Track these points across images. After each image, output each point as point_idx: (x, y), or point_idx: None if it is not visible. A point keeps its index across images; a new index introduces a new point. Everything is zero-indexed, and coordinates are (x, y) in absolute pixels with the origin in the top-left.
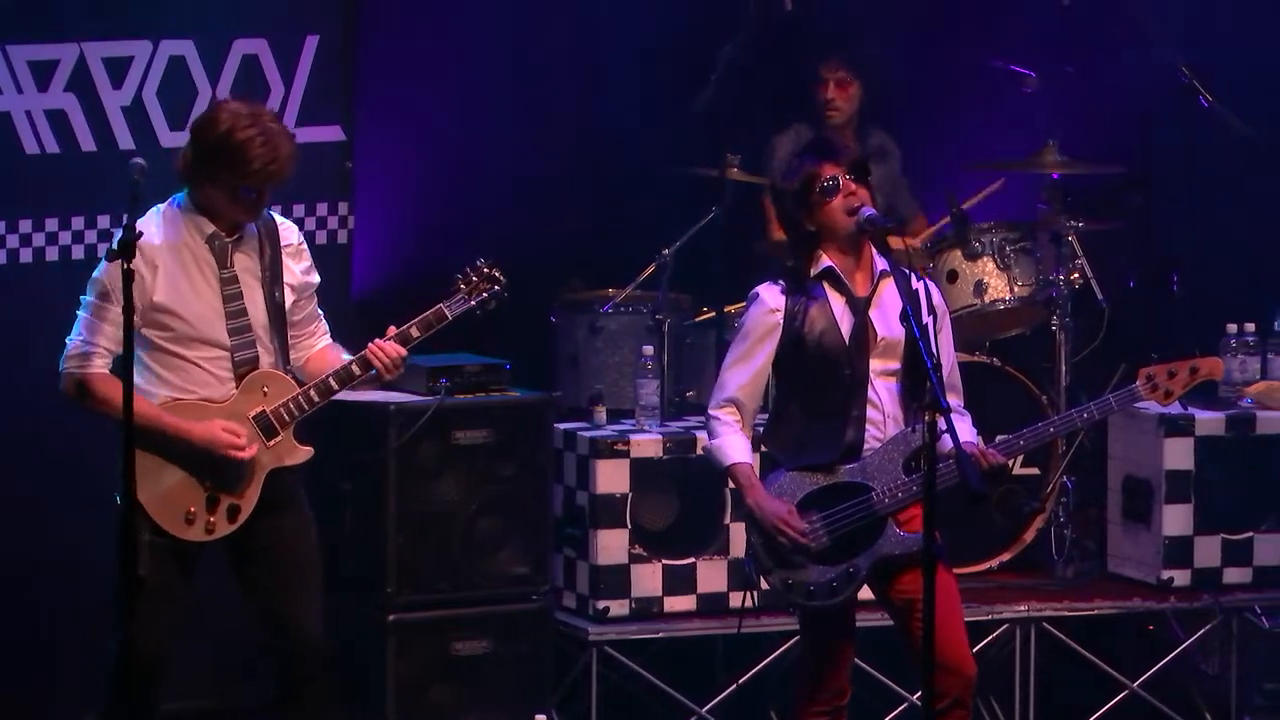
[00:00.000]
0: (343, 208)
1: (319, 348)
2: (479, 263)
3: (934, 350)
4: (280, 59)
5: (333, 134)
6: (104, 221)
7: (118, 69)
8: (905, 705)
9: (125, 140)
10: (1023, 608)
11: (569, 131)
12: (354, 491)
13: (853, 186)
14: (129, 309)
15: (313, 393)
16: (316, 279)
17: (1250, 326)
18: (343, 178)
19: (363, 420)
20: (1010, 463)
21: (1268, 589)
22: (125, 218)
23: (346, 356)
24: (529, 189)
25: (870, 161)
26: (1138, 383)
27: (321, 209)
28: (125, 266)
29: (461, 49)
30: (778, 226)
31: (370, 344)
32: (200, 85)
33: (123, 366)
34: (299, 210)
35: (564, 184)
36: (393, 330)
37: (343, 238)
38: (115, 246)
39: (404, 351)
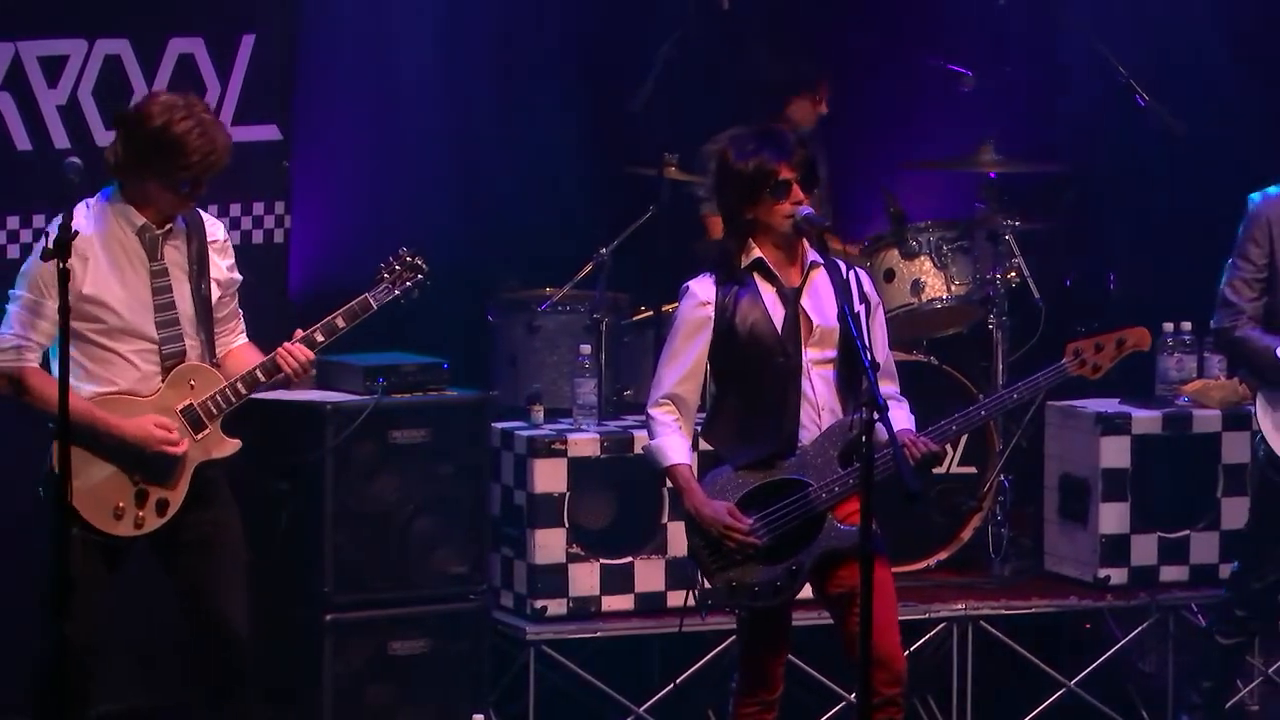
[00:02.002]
0: (279, 207)
1: (236, 345)
2: (401, 251)
3: (868, 342)
4: (216, 58)
5: (269, 133)
6: (39, 221)
7: (53, 68)
8: (842, 704)
9: (61, 139)
10: (960, 606)
11: (506, 131)
12: (291, 491)
13: (800, 195)
14: (65, 309)
15: (240, 385)
16: (239, 276)
17: (1187, 326)
18: (279, 177)
19: (300, 420)
20: (946, 451)
21: (1204, 587)
22: (61, 216)
23: (261, 355)
24: (466, 188)
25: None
26: (1065, 359)
27: (258, 208)
28: (61, 266)
29: (398, 48)
30: (716, 229)
31: (278, 349)
32: (136, 84)
33: (59, 366)
34: (235, 209)
35: (501, 183)
36: (299, 334)
37: (279, 237)
38: (51, 245)
39: (311, 355)
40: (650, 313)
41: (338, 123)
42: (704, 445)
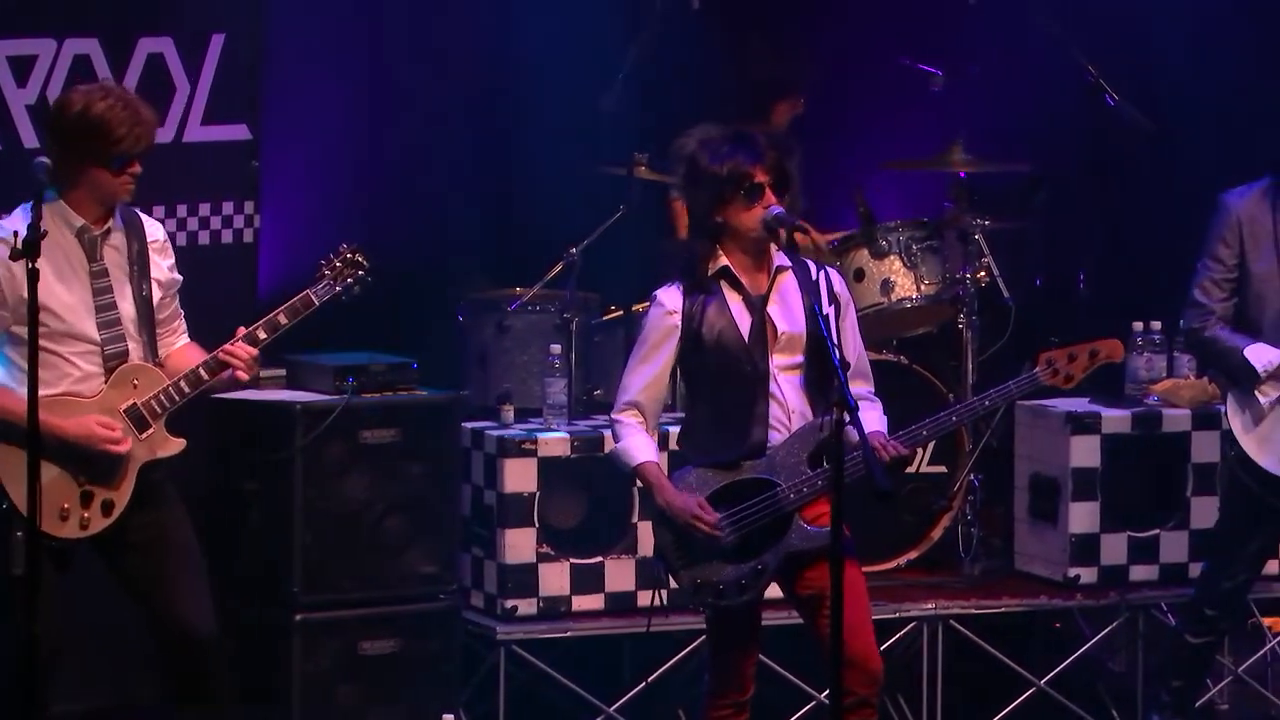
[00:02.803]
0: (249, 207)
1: (179, 346)
2: (342, 248)
3: (838, 343)
4: (186, 57)
5: (239, 133)
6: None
7: (22, 67)
8: (813, 704)
9: (30, 139)
10: (930, 605)
11: (476, 130)
12: (260, 491)
13: (773, 199)
14: (34, 309)
15: (183, 384)
16: (180, 277)
17: (1156, 325)
18: (249, 177)
19: (269, 419)
20: (916, 453)
21: (1174, 586)
22: (30, 216)
23: (205, 356)
24: (437, 187)
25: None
26: (1038, 368)
27: (227, 208)
28: (31, 266)
29: (368, 47)
30: (684, 226)
31: (220, 348)
32: None
33: (29, 366)
34: (205, 209)
35: (472, 182)
36: (242, 330)
37: (249, 237)
38: (20, 245)
39: (254, 351)
40: (620, 312)
41: (308, 122)
42: (674, 447)
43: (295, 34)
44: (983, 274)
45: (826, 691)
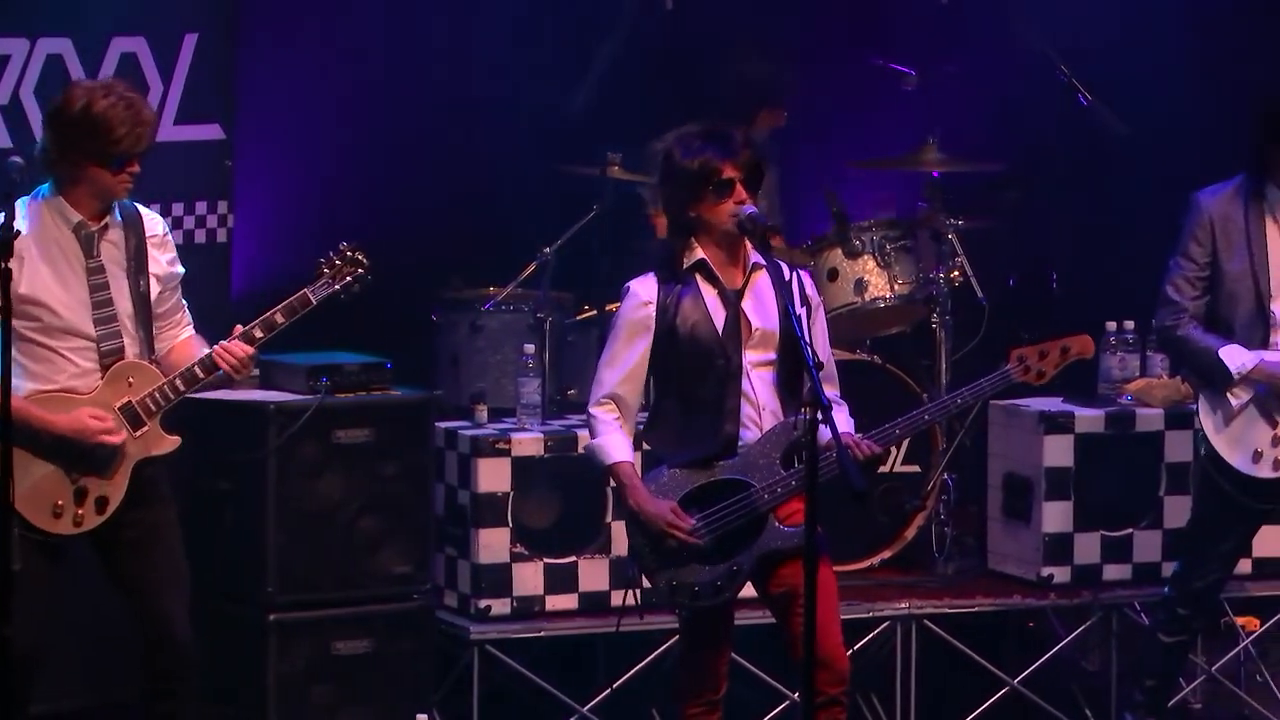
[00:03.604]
0: (222, 206)
1: (182, 339)
2: (341, 246)
3: (812, 345)
4: (159, 57)
5: (212, 132)
6: None
7: None
8: (786, 703)
9: (3, 139)
10: (903, 605)
11: (451, 130)
12: (233, 491)
13: (744, 194)
14: (7, 309)
15: (178, 382)
16: (181, 270)
17: (1129, 324)
18: (222, 176)
19: (242, 419)
20: (889, 452)
21: (1147, 585)
22: (3, 216)
23: (208, 349)
24: (410, 187)
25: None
26: (1009, 364)
27: (201, 207)
28: (4, 265)
29: (342, 47)
30: (664, 229)
31: (216, 346)
32: None
33: (1, 364)
34: (178, 209)
35: (445, 182)
36: (238, 329)
37: (222, 236)
38: None
39: (251, 350)
40: (594, 312)
41: (281, 122)
42: (644, 446)
43: (268, 34)
44: (956, 273)
45: (798, 691)
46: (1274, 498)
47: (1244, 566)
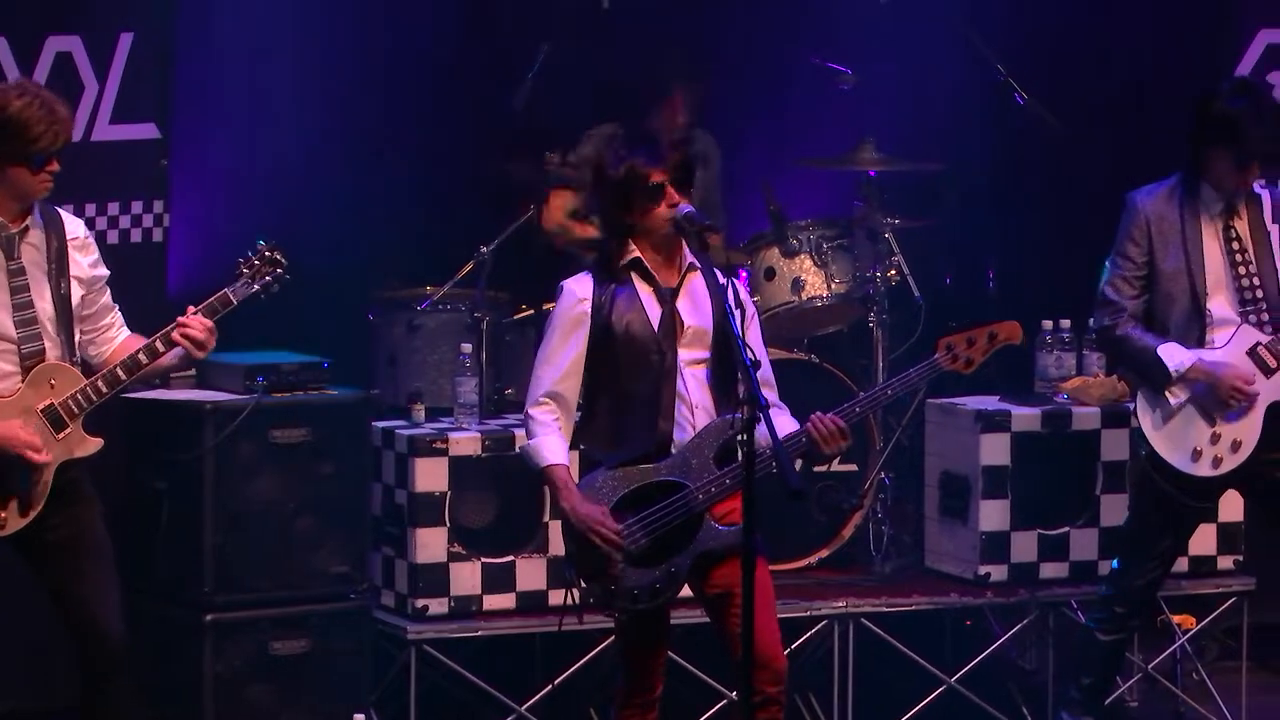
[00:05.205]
0: (158, 206)
1: (120, 340)
2: (260, 245)
3: (750, 346)
4: (94, 56)
5: (148, 131)
6: None
7: None
8: (723, 702)
9: None
10: (841, 604)
11: (387, 129)
12: (169, 491)
13: (676, 197)
14: None
15: (100, 383)
16: (105, 272)
17: (1065, 323)
18: (158, 176)
19: (178, 418)
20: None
21: (1084, 584)
22: None
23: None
24: (346, 186)
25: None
26: (938, 354)
27: (136, 207)
28: None
29: (277, 46)
30: (549, 215)
31: (176, 326)
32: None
33: None
34: (114, 208)
35: (381, 181)
36: (191, 309)
37: (158, 236)
38: None
39: (210, 323)
40: (531, 311)
41: (217, 122)
42: (580, 447)
43: (205, 33)
44: (893, 272)
45: (735, 691)
46: (1212, 496)
47: (1180, 565)
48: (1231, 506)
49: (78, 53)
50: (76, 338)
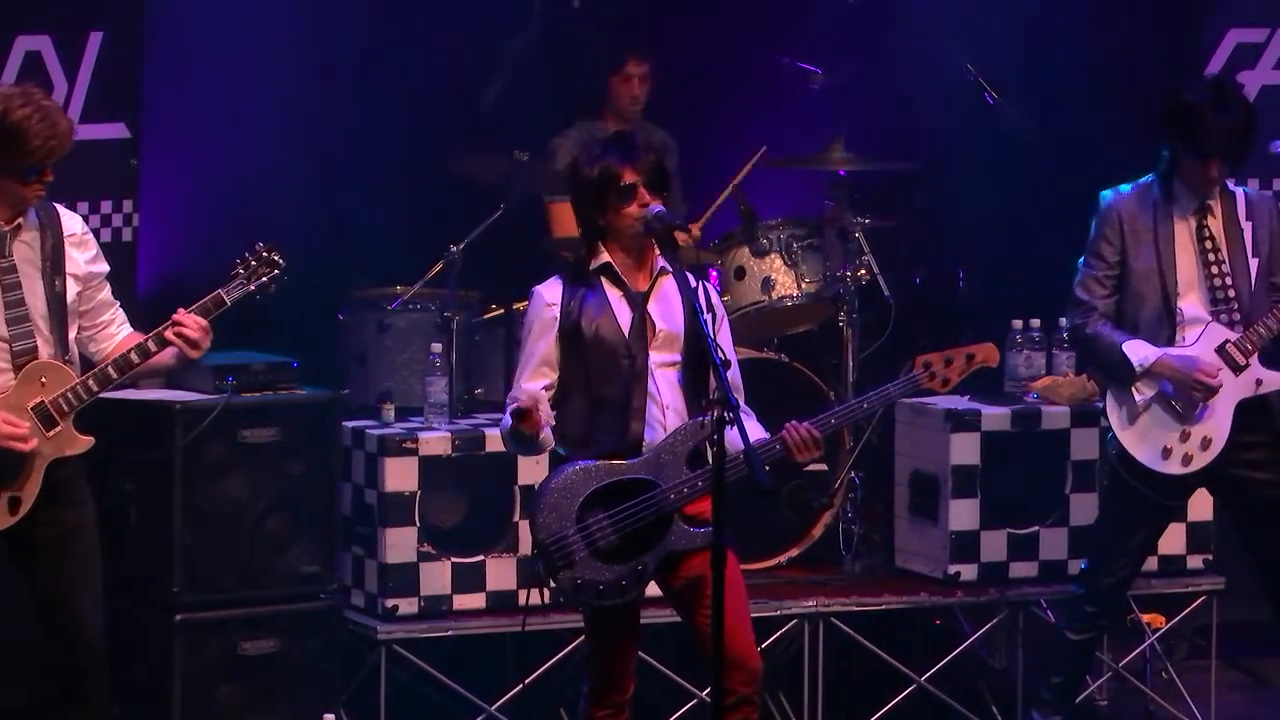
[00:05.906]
0: (128, 205)
1: (121, 337)
2: (257, 246)
3: (720, 347)
4: (64, 55)
5: (117, 131)
6: None
7: None
8: (694, 701)
9: None
10: (811, 603)
11: (356, 127)
12: (139, 490)
13: (648, 197)
14: None
15: (91, 382)
16: (104, 268)
17: (1035, 322)
18: (128, 175)
19: (148, 418)
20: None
21: (1053, 583)
22: None
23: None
24: (317, 185)
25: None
26: (916, 371)
27: (106, 206)
28: None
29: (249, 45)
30: (558, 226)
31: (170, 325)
32: None
33: None
34: (83, 208)
35: (351, 180)
36: (182, 310)
37: (128, 235)
38: None
39: (205, 322)
40: (501, 310)
41: (187, 121)
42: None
43: (175, 32)
44: (863, 272)
45: (708, 690)
46: (1182, 494)
47: (1150, 564)
48: (1201, 506)
49: (47, 52)
50: (72, 335)
